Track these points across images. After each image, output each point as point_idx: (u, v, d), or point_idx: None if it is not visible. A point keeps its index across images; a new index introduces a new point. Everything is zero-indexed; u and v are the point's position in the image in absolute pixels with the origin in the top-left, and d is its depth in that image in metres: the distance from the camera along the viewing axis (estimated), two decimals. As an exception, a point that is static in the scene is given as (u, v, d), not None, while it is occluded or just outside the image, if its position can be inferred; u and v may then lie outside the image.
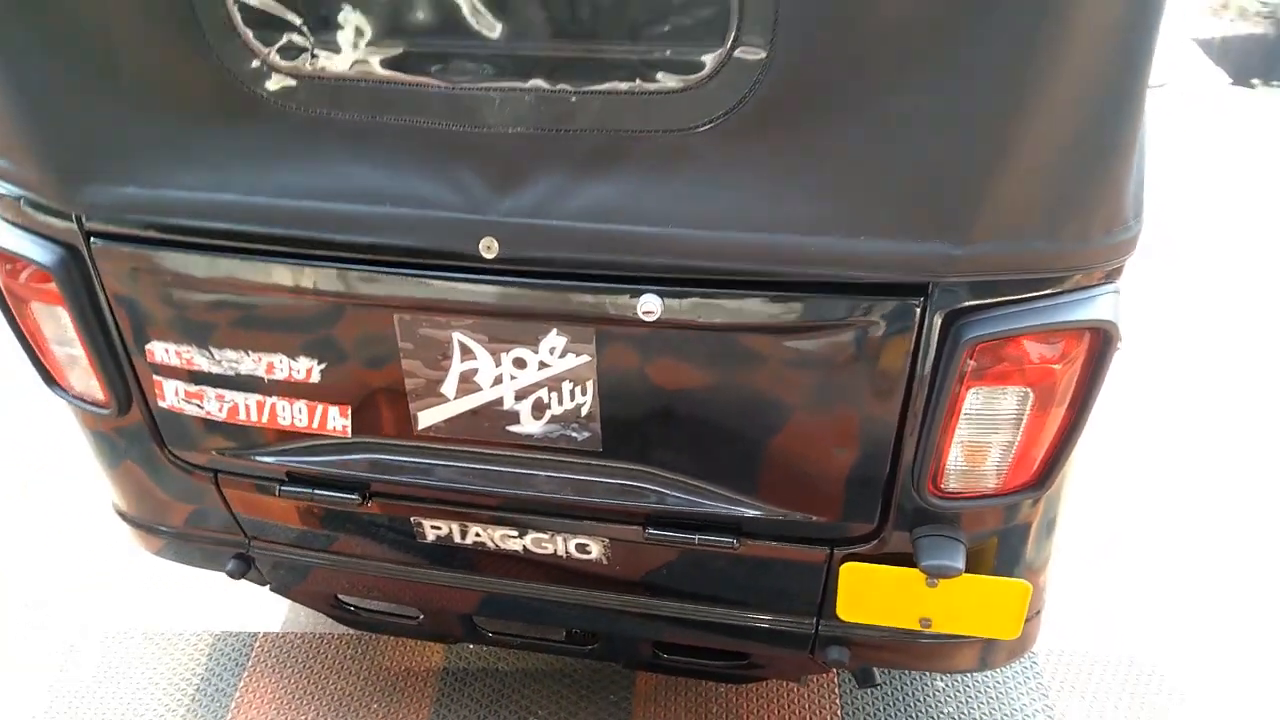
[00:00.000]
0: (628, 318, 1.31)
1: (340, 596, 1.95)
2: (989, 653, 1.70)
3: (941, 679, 2.16)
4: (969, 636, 1.58)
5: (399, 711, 2.12)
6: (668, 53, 1.16)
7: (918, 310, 1.25)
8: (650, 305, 1.28)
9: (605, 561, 1.60)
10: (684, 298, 1.29)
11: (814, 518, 1.47)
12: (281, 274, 1.40)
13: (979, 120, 1.11)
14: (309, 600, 2.02)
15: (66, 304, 1.49)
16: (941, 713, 2.07)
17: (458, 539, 1.64)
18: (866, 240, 1.21)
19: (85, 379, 1.59)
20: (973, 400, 1.31)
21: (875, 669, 1.80)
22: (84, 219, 1.43)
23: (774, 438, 1.41)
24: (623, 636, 1.81)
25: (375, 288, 1.39)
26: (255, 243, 1.37)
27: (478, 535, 1.62)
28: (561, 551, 1.60)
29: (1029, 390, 1.31)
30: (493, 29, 1.19)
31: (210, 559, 1.86)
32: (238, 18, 1.22)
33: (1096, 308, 1.26)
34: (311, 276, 1.39)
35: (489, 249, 1.29)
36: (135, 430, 1.64)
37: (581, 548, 1.60)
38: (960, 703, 2.10)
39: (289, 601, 2.34)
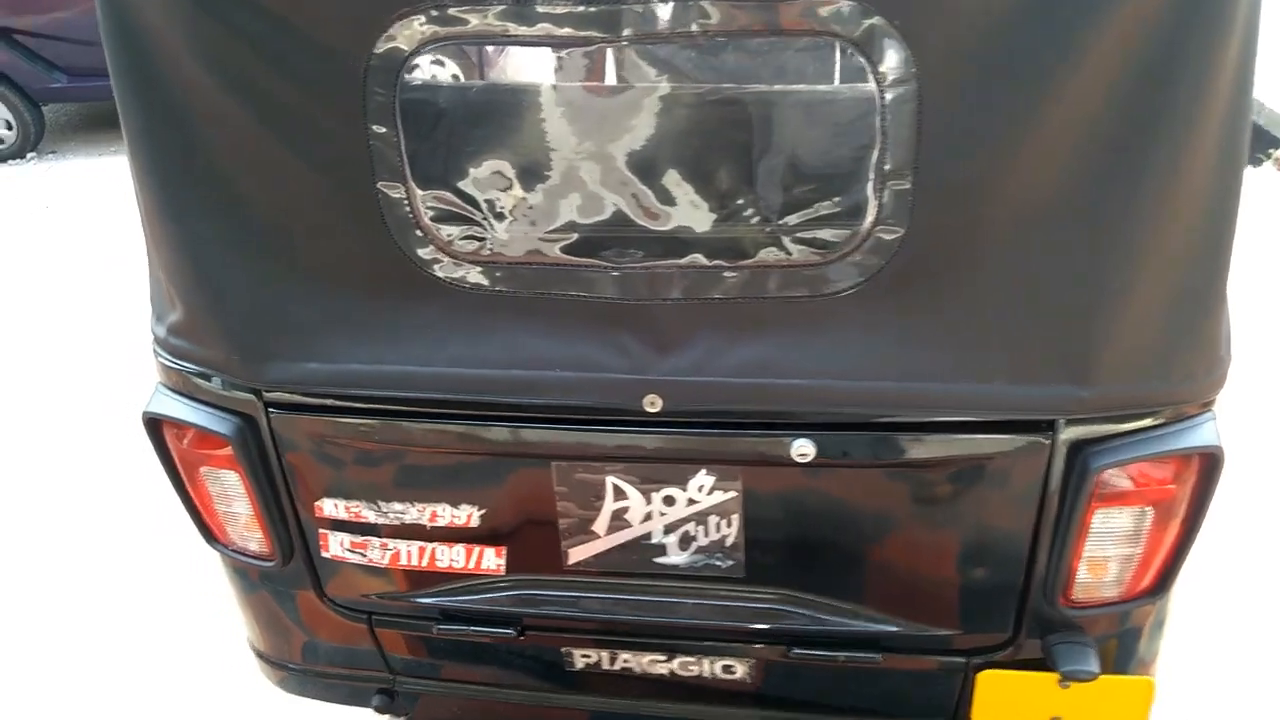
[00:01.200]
0: (779, 458, 1.44)
1: None
2: None
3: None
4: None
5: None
6: (812, 233, 1.31)
7: (1047, 444, 1.38)
8: (805, 449, 1.41)
9: (749, 680, 1.70)
10: (832, 440, 1.42)
11: (952, 631, 1.58)
12: (450, 433, 1.52)
13: (1104, 276, 1.26)
14: None
15: (241, 469, 1.61)
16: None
17: (606, 665, 1.73)
18: (999, 385, 1.34)
19: (248, 534, 1.70)
20: (1099, 520, 1.43)
21: None
22: (263, 392, 1.56)
23: (913, 560, 1.53)
24: None
25: (537, 441, 1.51)
26: (428, 407, 1.51)
27: (626, 661, 1.72)
28: (707, 673, 1.70)
29: (1149, 509, 1.43)
30: (655, 220, 1.34)
31: (352, 695, 1.95)
32: (422, 213, 1.37)
33: (1203, 434, 1.39)
34: (478, 434, 1.51)
35: (653, 404, 1.42)
36: (293, 578, 1.74)
37: (727, 669, 1.69)
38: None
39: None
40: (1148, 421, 1.38)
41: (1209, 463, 1.39)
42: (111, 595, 3.02)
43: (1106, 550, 1.46)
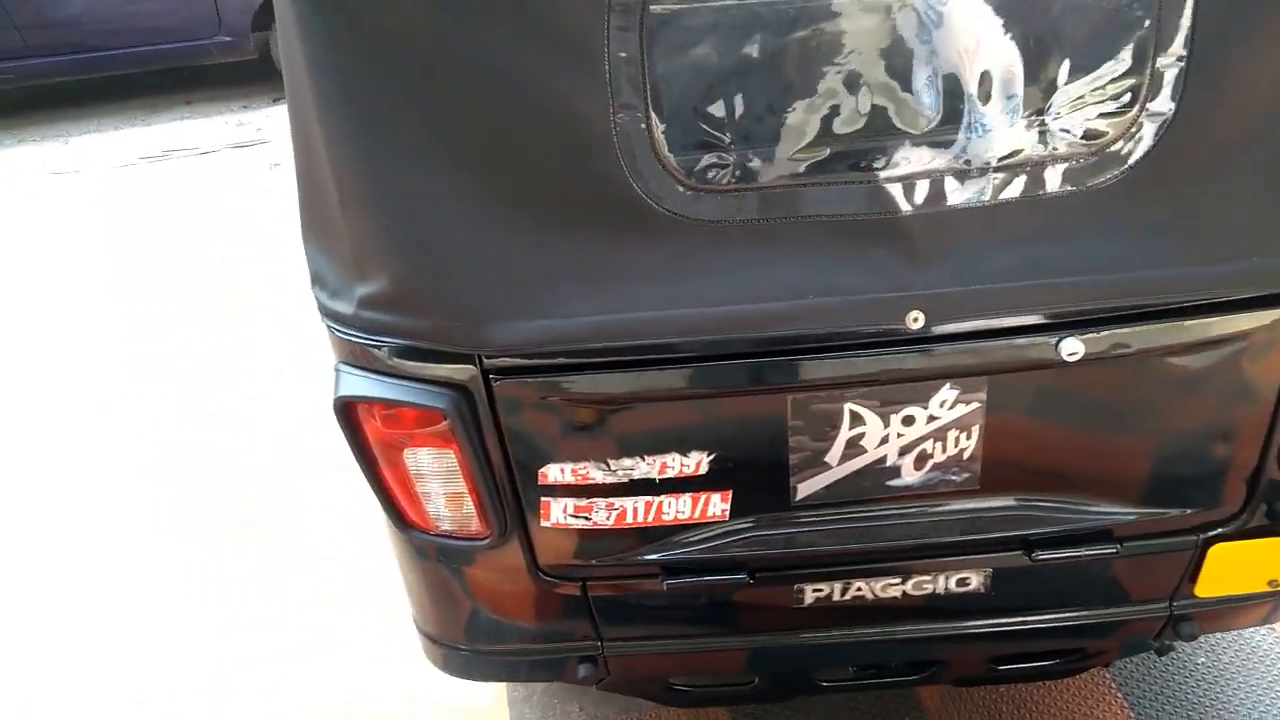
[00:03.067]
0: (1042, 361, 1.43)
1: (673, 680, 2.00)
2: None
3: (1228, 657, 2.32)
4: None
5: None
6: (1076, 122, 1.29)
7: None
8: (1074, 347, 1.39)
9: (983, 590, 1.70)
10: (1097, 336, 1.40)
11: (1190, 510, 1.60)
12: (687, 378, 1.46)
13: None
14: (640, 690, 2.04)
15: (456, 443, 1.51)
16: (1218, 683, 2.20)
17: (837, 597, 1.71)
18: (1259, 260, 1.35)
19: (456, 513, 1.61)
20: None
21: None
22: (483, 359, 1.46)
23: (1157, 446, 1.54)
24: (966, 658, 1.91)
25: (777, 376, 1.46)
26: (665, 353, 1.44)
27: (858, 590, 1.70)
28: (941, 589, 1.69)
29: None
30: (911, 124, 1.29)
31: (549, 669, 1.88)
32: (662, 144, 1.29)
33: None
34: (716, 375, 1.45)
35: (915, 320, 1.38)
36: (502, 554, 1.65)
37: (962, 581, 1.69)
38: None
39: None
40: None
41: None
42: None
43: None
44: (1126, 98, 1.27)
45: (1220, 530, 1.62)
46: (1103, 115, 1.28)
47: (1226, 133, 1.28)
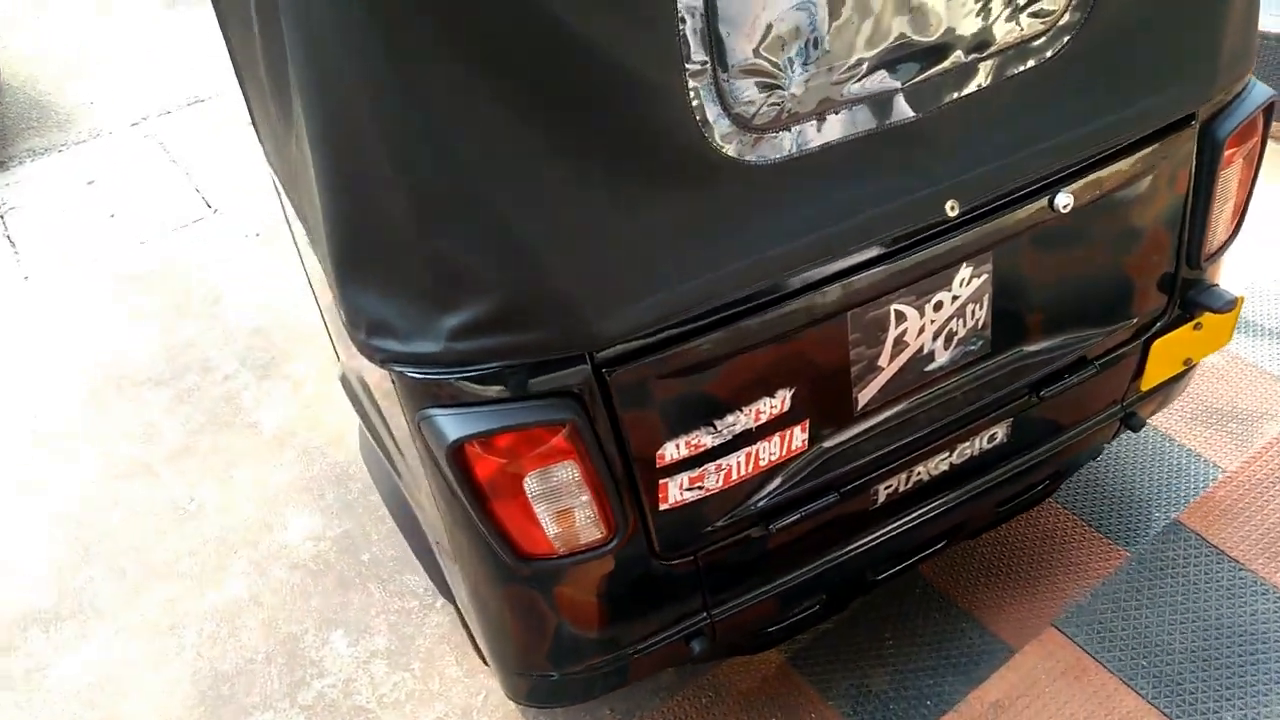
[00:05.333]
0: (1041, 219, 1.66)
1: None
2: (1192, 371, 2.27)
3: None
4: (1195, 363, 2.16)
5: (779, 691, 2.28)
6: (1034, 8, 1.53)
7: (1195, 129, 1.75)
8: (1066, 199, 1.65)
9: (1005, 440, 1.94)
10: (1077, 186, 1.67)
11: (1137, 319, 1.94)
12: (776, 320, 1.54)
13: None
14: (733, 649, 2.06)
15: (578, 452, 1.48)
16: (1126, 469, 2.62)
17: (903, 487, 1.87)
18: (1172, 93, 1.68)
19: (580, 526, 1.58)
20: (1222, 180, 1.84)
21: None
22: (595, 354, 1.44)
23: (1112, 271, 1.85)
24: (983, 509, 2.14)
25: (840, 294, 1.58)
26: (757, 300, 1.51)
27: (918, 475, 1.87)
28: (977, 450, 1.91)
29: (1240, 162, 1.87)
30: (927, 31, 1.46)
31: (661, 660, 1.87)
32: (728, 94, 1.35)
33: (1259, 91, 1.83)
34: (793, 308, 1.55)
35: (953, 208, 1.56)
36: (623, 554, 1.64)
37: (991, 438, 1.92)
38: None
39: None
40: (1237, 93, 1.80)
41: (1270, 109, 1.86)
42: None
43: (1225, 206, 1.89)
44: None
45: (1157, 328, 1.99)
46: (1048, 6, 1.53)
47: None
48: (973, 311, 1.75)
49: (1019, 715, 1.90)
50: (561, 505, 1.55)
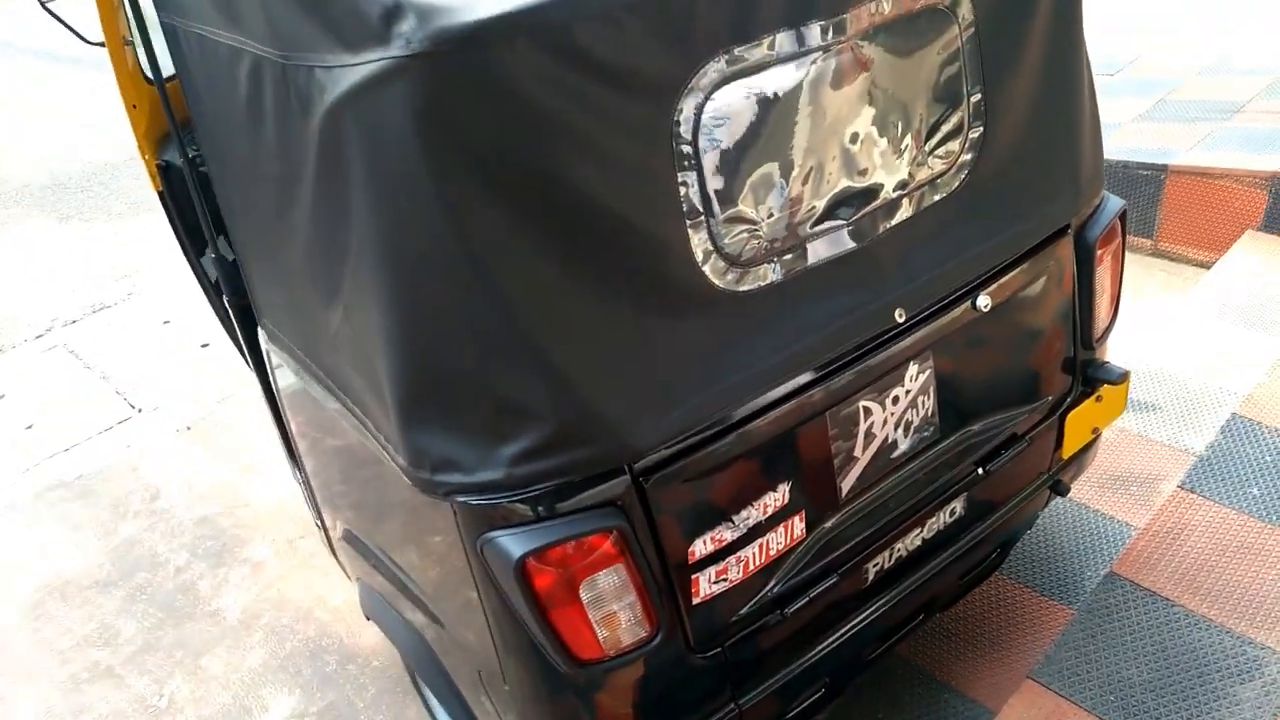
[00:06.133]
0: (966, 318, 1.99)
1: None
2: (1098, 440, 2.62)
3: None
4: (1101, 431, 2.50)
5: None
6: (942, 147, 1.89)
7: (1071, 236, 2.15)
8: (985, 300, 1.99)
9: (961, 513, 2.21)
10: (991, 289, 2.02)
11: (1051, 396, 2.28)
12: (770, 422, 1.79)
13: (1076, 126, 2.06)
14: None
15: (624, 556, 1.67)
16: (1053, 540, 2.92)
17: (886, 564, 2.11)
18: (1054, 208, 2.09)
19: (625, 627, 1.74)
20: (1099, 274, 2.24)
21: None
22: (633, 465, 1.65)
23: (1025, 358, 2.21)
24: (949, 582, 2.37)
25: (820, 396, 1.85)
26: (757, 407, 1.76)
27: (899, 550, 2.11)
28: (941, 523, 2.17)
29: (1110, 258, 2.27)
30: (863, 176, 1.79)
31: None
32: (719, 237, 1.64)
33: (1112, 205, 2.26)
34: (787, 410, 1.80)
35: (900, 315, 1.88)
36: (663, 650, 1.80)
37: (951, 511, 2.18)
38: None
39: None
40: (1096, 205, 2.22)
41: (1124, 215, 2.28)
42: None
43: (1102, 297, 2.28)
44: (961, 128, 1.91)
45: (1068, 403, 2.33)
46: (951, 142, 1.91)
47: (1009, 137, 1.98)
48: (923, 402, 2.05)
49: (1016, 762, 2.10)
50: (610, 608, 1.72)
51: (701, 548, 1.78)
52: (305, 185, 1.68)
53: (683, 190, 1.58)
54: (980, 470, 2.20)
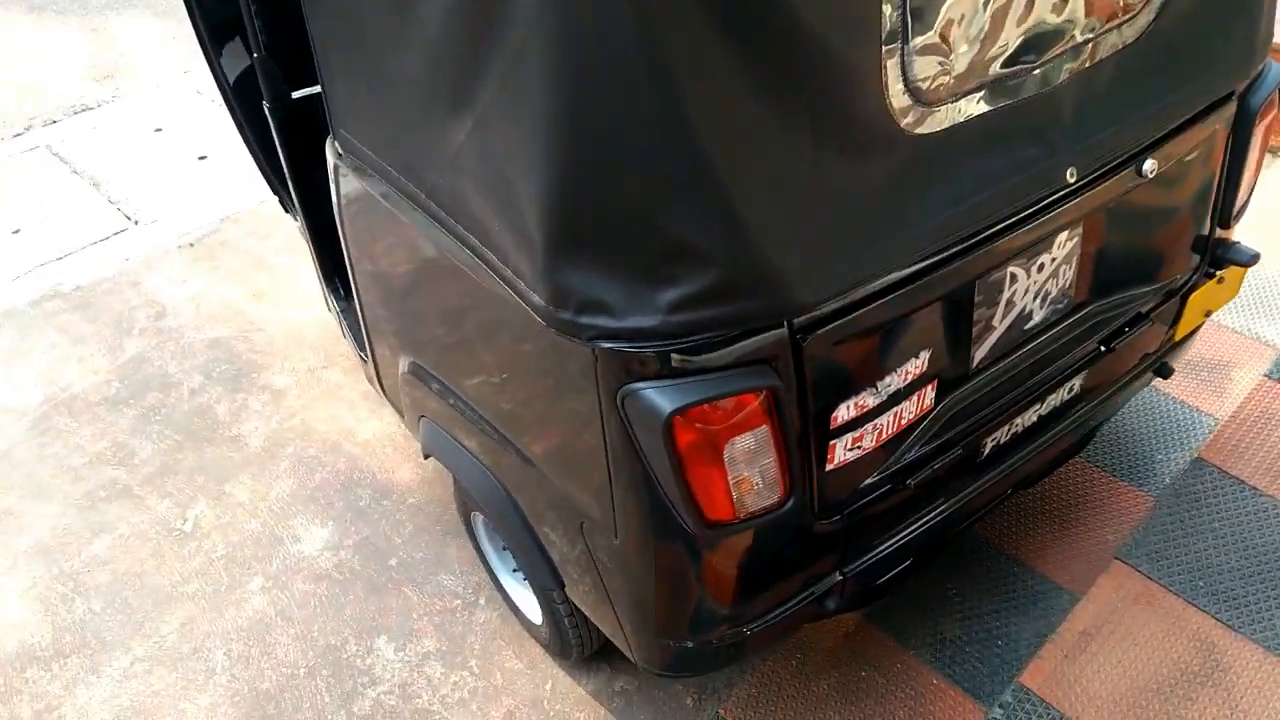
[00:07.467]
0: (1125, 185, 1.84)
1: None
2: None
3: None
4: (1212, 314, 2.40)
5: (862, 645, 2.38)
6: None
7: (1235, 103, 1.98)
8: (1152, 165, 1.83)
9: (1080, 389, 2.12)
10: (1158, 153, 1.86)
11: (1179, 275, 2.17)
12: (931, 283, 1.65)
13: None
14: (850, 604, 2.13)
15: (772, 417, 1.55)
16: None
17: (1004, 439, 2.02)
18: (1223, 70, 1.91)
19: (763, 489, 1.63)
20: (1252, 146, 2.08)
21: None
22: (793, 320, 1.50)
23: (1162, 233, 2.07)
24: (1049, 456, 2.31)
25: (974, 260, 1.70)
26: (921, 265, 1.61)
27: (1016, 426, 2.02)
28: (1060, 401, 2.08)
29: (1260, 129, 2.11)
30: (1059, 13, 1.60)
31: (792, 623, 1.94)
32: (910, 66, 1.46)
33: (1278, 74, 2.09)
34: (948, 272, 1.66)
35: (1072, 175, 1.72)
36: (790, 517, 1.70)
37: (1069, 389, 2.08)
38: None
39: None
40: (1259, 72, 2.04)
41: None
42: None
43: (1249, 170, 2.13)
44: None
45: (1192, 283, 2.21)
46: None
47: None
48: (1064, 272, 1.91)
49: (1105, 639, 2.08)
50: (749, 471, 1.60)
51: (844, 413, 1.66)
52: None
53: (886, 9, 1.38)
54: (1103, 348, 2.09)
